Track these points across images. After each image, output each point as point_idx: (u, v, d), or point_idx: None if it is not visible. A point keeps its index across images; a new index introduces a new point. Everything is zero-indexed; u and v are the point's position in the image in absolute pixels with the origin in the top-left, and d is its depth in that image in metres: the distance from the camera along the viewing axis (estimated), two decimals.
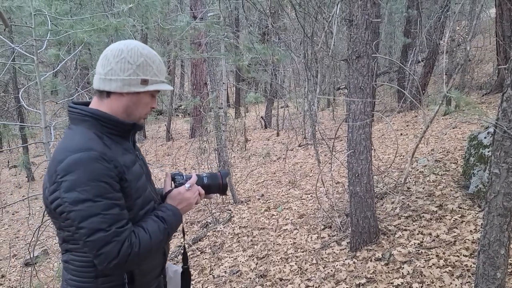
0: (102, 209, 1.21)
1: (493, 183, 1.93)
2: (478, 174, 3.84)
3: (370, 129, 3.42)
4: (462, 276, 2.82)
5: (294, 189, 6.02)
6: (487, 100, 8.17)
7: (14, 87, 12.30)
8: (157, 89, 1.41)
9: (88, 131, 1.32)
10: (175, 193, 1.52)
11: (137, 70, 1.35)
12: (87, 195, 1.20)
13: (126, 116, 1.40)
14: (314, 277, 3.36)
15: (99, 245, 1.21)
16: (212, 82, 6.98)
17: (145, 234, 1.32)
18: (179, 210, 1.50)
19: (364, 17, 3.15)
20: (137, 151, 1.52)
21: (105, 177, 1.23)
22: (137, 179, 1.38)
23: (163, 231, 1.39)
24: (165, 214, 1.43)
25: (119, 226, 1.24)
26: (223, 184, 1.62)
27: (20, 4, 3.78)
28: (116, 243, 1.22)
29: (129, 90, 1.36)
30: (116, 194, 1.26)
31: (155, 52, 1.42)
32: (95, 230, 1.21)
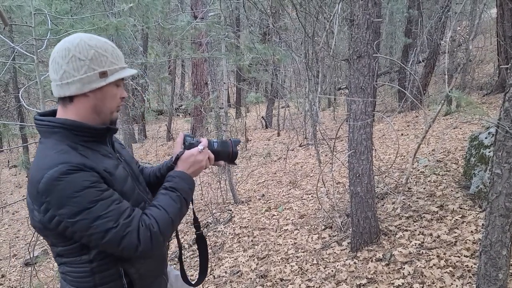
0: (101, 210, 1.19)
1: (495, 183, 1.91)
2: (479, 174, 3.83)
3: (371, 129, 3.41)
4: (463, 276, 2.81)
5: (294, 189, 6.01)
6: (488, 100, 8.16)
7: (14, 87, 12.31)
8: (119, 77, 1.31)
9: (60, 144, 1.25)
10: (187, 155, 1.48)
11: (91, 65, 1.25)
12: (80, 206, 1.17)
13: (96, 116, 1.32)
14: (314, 277, 3.35)
15: (117, 242, 1.20)
16: (213, 82, 6.98)
17: (159, 211, 1.30)
18: (188, 174, 1.45)
19: (365, 17, 3.14)
20: (118, 153, 1.45)
21: (88, 183, 1.18)
22: (123, 183, 1.33)
23: (177, 199, 1.36)
24: (172, 183, 1.39)
25: (125, 216, 1.22)
26: (233, 152, 1.58)
27: (20, 3, 3.77)
28: (131, 232, 1.21)
29: (90, 88, 1.27)
30: (107, 193, 1.22)
31: (105, 39, 1.33)
32: (105, 231, 1.19)
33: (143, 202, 1.42)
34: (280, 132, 11.59)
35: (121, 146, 1.57)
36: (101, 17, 4.16)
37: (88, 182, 1.18)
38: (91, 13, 5.14)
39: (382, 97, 11.83)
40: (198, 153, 1.48)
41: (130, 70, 1.36)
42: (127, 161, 1.49)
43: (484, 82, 10.09)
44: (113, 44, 1.34)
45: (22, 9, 3.77)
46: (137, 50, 8.67)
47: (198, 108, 11.47)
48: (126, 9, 4.01)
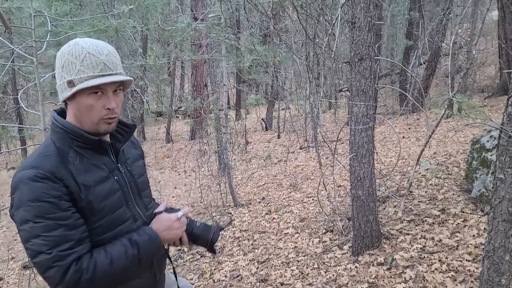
0: (43, 230, 1.13)
1: (498, 188, 1.89)
2: (480, 178, 3.81)
3: (373, 132, 3.39)
4: (465, 281, 2.79)
5: (295, 192, 5.99)
6: (489, 103, 8.15)
7: (13, 89, 12.29)
8: (84, 87, 1.19)
9: (51, 146, 1.24)
10: (164, 217, 1.40)
11: (61, 73, 1.22)
12: (28, 216, 1.13)
13: (80, 124, 1.27)
14: (315, 281, 3.32)
15: (43, 268, 1.14)
16: (213, 83, 6.96)
17: (104, 259, 1.20)
18: (160, 237, 1.35)
19: (366, 20, 3.12)
20: (122, 163, 1.39)
21: (47, 196, 1.14)
22: (101, 199, 1.25)
23: (131, 258, 1.25)
24: (140, 239, 1.29)
25: (62, 249, 1.14)
26: (213, 239, 1.46)
27: (20, 5, 3.75)
28: (59, 268, 1.13)
29: (63, 97, 1.23)
30: (62, 214, 1.16)
31: (90, 43, 1.22)
32: (37, 252, 1.14)
33: (132, 219, 1.35)
34: (280, 134, 11.56)
35: (138, 156, 1.52)
36: (101, 18, 4.13)
37: (46, 196, 1.14)
38: (90, 15, 5.13)
39: (383, 100, 11.82)
40: (175, 220, 1.39)
41: (107, 78, 1.22)
42: (133, 173, 1.42)
43: (485, 85, 10.08)
44: (96, 49, 1.22)
45: (21, 10, 3.76)
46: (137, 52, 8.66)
47: (198, 110, 11.48)
48: (126, 10, 3.99)
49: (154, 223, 1.38)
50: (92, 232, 1.25)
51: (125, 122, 1.44)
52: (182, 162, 10.21)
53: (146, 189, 1.49)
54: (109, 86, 1.24)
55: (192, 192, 7.07)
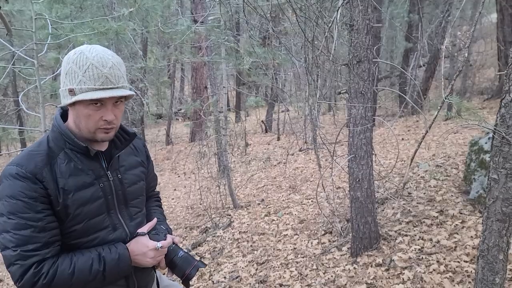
0: (13, 227, 1.17)
1: (492, 188, 1.91)
2: (479, 179, 3.82)
3: (371, 133, 3.41)
4: (463, 282, 2.81)
5: (294, 194, 6.00)
6: (489, 105, 8.17)
7: (13, 91, 12.32)
8: (81, 99, 1.19)
9: (44, 144, 1.28)
10: (142, 241, 1.38)
11: (65, 79, 1.23)
12: (3, 210, 1.18)
13: (78, 130, 1.29)
14: (314, 282, 3.34)
15: (7, 263, 1.18)
16: (213, 85, 6.99)
17: (66, 268, 1.22)
18: (132, 259, 1.34)
19: (365, 22, 3.14)
20: (113, 170, 1.38)
21: (23, 196, 1.17)
22: (79, 204, 1.26)
23: (95, 273, 1.25)
24: (109, 256, 1.29)
25: (26, 249, 1.17)
26: (189, 274, 1.41)
27: (21, 8, 3.78)
28: (20, 267, 1.17)
29: (64, 103, 1.26)
30: (34, 215, 1.18)
31: (96, 53, 1.22)
32: (4, 246, 1.18)
33: (111, 228, 1.35)
34: (280, 136, 11.58)
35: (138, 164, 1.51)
36: (101, 21, 4.16)
37: (22, 195, 1.18)
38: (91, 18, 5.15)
39: (382, 102, 11.84)
40: (152, 248, 1.36)
41: (108, 92, 1.21)
42: (123, 181, 1.41)
43: (484, 87, 10.10)
44: (100, 62, 1.21)
45: (22, 13, 3.79)
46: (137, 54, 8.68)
47: (198, 112, 11.51)
48: (126, 13, 4.02)
49: (132, 243, 1.37)
50: (67, 235, 1.28)
51: (126, 129, 1.45)
52: (182, 164, 10.23)
53: (136, 198, 1.47)
54: (109, 99, 1.25)
55: (192, 194, 7.09)
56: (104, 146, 1.38)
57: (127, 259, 1.33)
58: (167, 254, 1.43)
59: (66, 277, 1.21)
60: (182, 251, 1.45)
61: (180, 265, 1.42)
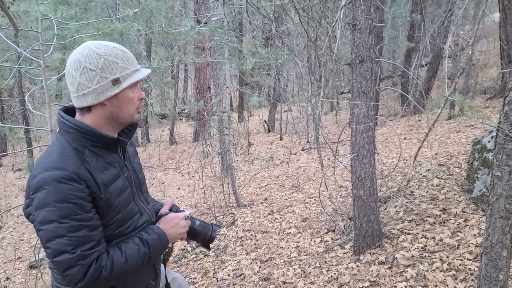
0: (68, 231, 1.18)
1: (495, 185, 1.93)
2: (482, 178, 3.84)
3: (374, 133, 3.43)
4: (466, 280, 2.82)
5: (297, 192, 6.03)
6: (491, 104, 8.16)
7: (19, 91, 12.40)
8: (133, 81, 1.30)
9: (67, 146, 1.28)
10: (172, 216, 1.50)
11: (102, 74, 1.26)
12: (53, 216, 1.18)
13: (114, 122, 1.34)
14: (317, 280, 3.36)
15: (65, 267, 1.19)
16: (216, 86, 7.01)
17: (120, 257, 1.28)
18: (167, 235, 1.44)
19: (367, 22, 3.17)
20: (127, 161, 1.45)
21: (73, 198, 1.19)
22: (117, 195, 1.33)
23: (143, 256, 1.34)
24: (150, 238, 1.38)
25: (85, 248, 1.20)
26: (211, 236, 1.59)
27: (26, 9, 3.81)
28: (81, 266, 1.20)
29: (105, 97, 1.28)
30: (86, 215, 1.22)
31: (114, 44, 1.31)
32: (60, 251, 1.19)
33: (139, 213, 1.43)
34: (282, 136, 11.60)
35: (135, 153, 1.59)
36: (106, 22, 4.20)
37: (73, 197, 1.19)
38: (95, 18, 5.20)
39: (384, 101, 11.85)
40: (183, 218, 1.50)
41: (144, 71, 1.35)
42: (136, 169, 1.49)
43: (487, 86, 10.08)
44: (123, 48, 1.32)
45: (28, 14, 3.82)
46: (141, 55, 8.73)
47: (201, 112, 11.54)
48: (130, 14, 4.05)
49: (161, 223, 1.47)
50: (110, 227, 1.32)
51: None
52: (185, 163, 10.26)
53: (144, 184, 1.57)
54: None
55: (196, 193, 7.12)
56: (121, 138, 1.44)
57: (165, 236, 1.43)
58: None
59: (122, 265, 1.28)
60: (198, 220, 1.60)
61: (200, 231, 1.57)
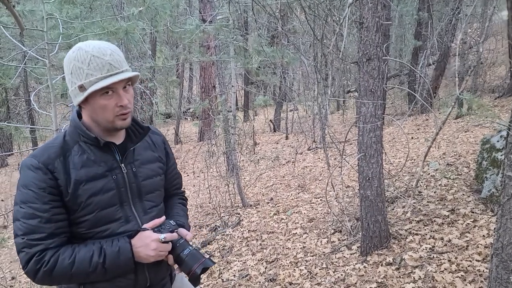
0: (22, 216, 1.23)
1: (506, 186, 1.89)
2: (491, 178, 3.78)
3: (381, 132, 3.39)
4: (475, 281, 2.78)
5: (303, 193, 5.99)
6: (500, 103, 8.08)
7: (25, 91, 12.47)
8: (94, 89, 1.23)
9: (59, 138, 1.34)
10: (145, 235, 1.34)
11: (72, 79, 1.26)
12: (17, 199, 1.25)
13: (96, 124, 1.34)
14: (324, 281, 3.33)
15: (17, 249, 1.25)
16: (221, 85, 7.00)
17: (67, 259, 1.24)
18: (134, 252, 1.32)
19: (374, 20, 3.13)
20: (129, 164, 1.40)
21: (34, 186, 1.23)
22: (91, 195, 1.29)
23: (95, 265, 1.26)
24: (109, 249, 1.29)
25: (32, 238, 1.22)
26: (194, 272, 1.34)
27: (32, 8, 3.81)
28: (26, 254, 1.23)
29: (77, 101, 1.29)
30: (42, 206, 1.23)
31: (93, 46, 1.25)
32: (15, 234, 1.25)
33: (123, 220, 1.36)
34: (288, 135, 11.56)
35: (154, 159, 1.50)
36: (111, 21, 4.18)
37: (33, 185, 1.24)
38: (101, 17, 5.19)
39: (392, 100, 11.77)
40: (155, 239, 1.32)
41: (115, 77, 1.25)
42: (138, 174, 1.42)
43: (496, 85, 9.99)
44: (99, 51, 1.24)
45: (33, 13, 3.81)
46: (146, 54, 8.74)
47: (206, 111, 11.54)
48: (135, 13, 4.04)
49: (135, 238, 1.34)
50: (79, 225, 1.31)
51: (140, 123, 1.47)
52: (191, 163, 10.26)
53: (151, 192, 1.46)
54: (118, 84, 1.28)
55: (201, 193, 7.11)
56: (119, 139, 1.42)
57: (128, 252, 1.30)
58: (174, 250, 1.37)
59: (66, 266, 1.24)
60: (191, 247, 1.38)
61: (186, 261, 1.35)
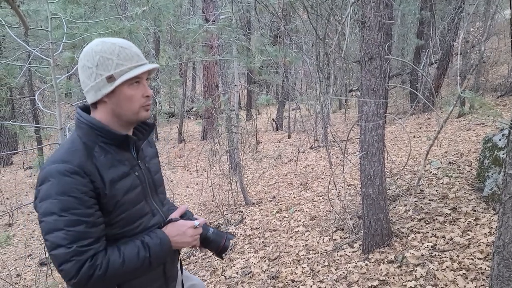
0: (66, 224, 1.17)
1: (507, 184, 1.90)
2: (493, 176, 3.80)
3: (383, 131, 3.40)
4: (477, 279, 2.79)
5: (305, 191, 6.01)
6: (502, 102, 8.07)
7: (29, 90, 12.53)
8: (127, 78, 1.27)
9: (77, 141, 1.29)
10: (180, 223, 1.43)
11: (98, 71, 1.27)
12: (54, 209, 1.17)
13: (117, 119, 1.33)
14: (326, 279, 3.35)
15: (60, 261, 1.18)
16: (224, 84, 7.02)
17: (117, 258, 1.25)
18: (172, 241, 1.39)
19: (376, 19, 3.14)
20: (142, 160, 1.44)
21: (75, 191, 1.19)
22: (123, 193, 1.31)
23: (142, 259, 1.30)
24: (151, 242, 1.34)
25: (81, 244, 1.18)
26: (224, 246, 1.54)
27: (36, 8, 3.84)
28: (76, 262, 1.17)
29: (102, 94, 1.28)
30: (86, 211, 1.21)
31: (115, 40, 1.30)
32: (57, 245, 1.17)
33: (150, 214, 1.41)
34: (290, 134, 11.58)
35: (155, 154, 1.58)
36: (115, 20, 4.21)
37: (74, 191, 1.19)
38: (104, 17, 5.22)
39: (394, 99, 11.76)
40: (191, 227, 1.43)
41: (144, 67, 1.31)
42: (151, 169, 1.48)
43: (498, 84, 9.97)
44: (125, 44, 1.30)
45: (37, 13, 3.85)
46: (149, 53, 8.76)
47: (209, 110, 11.55)
48: (139, 12, 4.07)
49: (168, 228, 1.41)
50: (115, 225, 1.31)
51: (144, 121, 1.49)
52: (194, 161, 10.30)
53: (161, 185, 1.54)
54: (144, 75, 1.33)
55: (204, 191, 7.14)
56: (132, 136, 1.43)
57: (168, 242, 1.38)
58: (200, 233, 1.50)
59: (118, 266, 1.24)
60: (211, 228, 1.55)
61: (213, 239, 1.53)
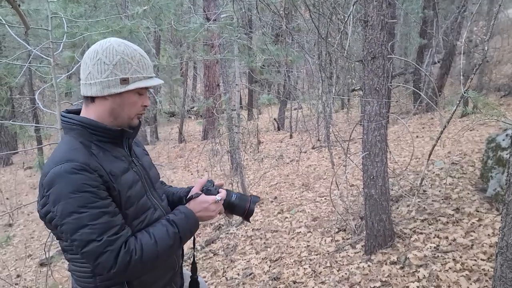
0: (89, 219, 1.17)
1: (511, 184, 1.87)
2: (496, 177, 3.76)
3: (386, 131, 3.37)
4: (480, 280, 2.77)
5: (307, 191, 5.98)
6: (506, 101, 8.03)
7: (29, 89, 12.52)
8: (140, 86, 1.31)
9: (74, 141, 1.29)
10: (201, 199, 1.46)
11: (114, 70, 1.28)
12: (71, 208, 1.17)
13: (113, 119, 1.34)
14: (328, 280, 3.33)
15: (94, 256, 1.18)
16: (225, 83, 6.99)
17: (149, 240, 1.27)
18: (196, 215, 1.42)
19: (379, 18, 3.11)
20: (134, 157, 1.45)
21: (87, 186, 1.19)
22: (128, 187, 1.32)
23: (173, 236, 1.32)
24: (176, 218, 1.37)
25: (110, 234, 1.19)
26: (249, 209, 1.55)
27: (37, 7, 3.82)
28: (111, 252, 1.18)
29: (109, 92, 1.29)
30: (103, 202, 1.21)
31: (136, 47, 1.34)
32: (86, 241, 1.17)
33: (152, 208, 1.41)
34: (292, 134, 11.54)
35: (143, 152, 1.59)
36: (115, 19, 4.19)
37: (87, 186, 1.19)
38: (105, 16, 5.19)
39: (396, 99, 11.70)
40: (212, 202, 1.46)
41: (155, 81, 1.36)
42: (144, 166, 1.49)
43: (501, 83, 9.93)
44: (144, 54, 1.35)
45: (38, 12, 3.82)
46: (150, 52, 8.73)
47: (210, 110, 11.51)
48: (139, 11, 4.04)
49: (190, 204, 1.45)
50: (124, 219, 1.30)
51: None
52: (194, 162, 10.27)
53: (157, 181, 1.55)
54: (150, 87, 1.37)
55: None
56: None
57: (193, 215, 1.41)
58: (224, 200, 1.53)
59: (152, 247, 1.26)
60: (234, 193, 1.56)
61: (238, 204, 1.54)
